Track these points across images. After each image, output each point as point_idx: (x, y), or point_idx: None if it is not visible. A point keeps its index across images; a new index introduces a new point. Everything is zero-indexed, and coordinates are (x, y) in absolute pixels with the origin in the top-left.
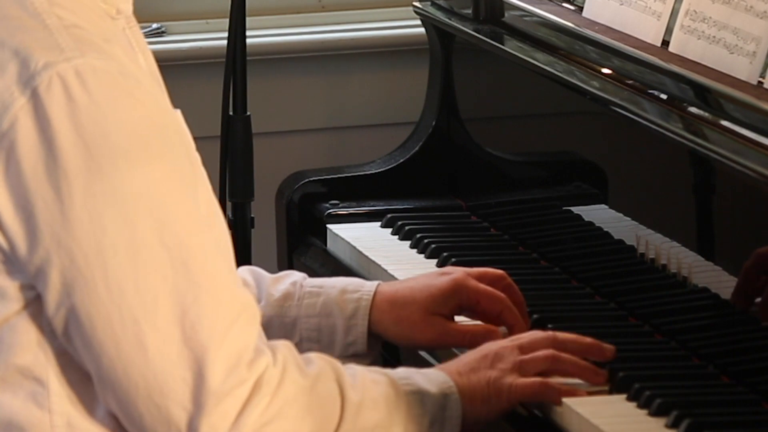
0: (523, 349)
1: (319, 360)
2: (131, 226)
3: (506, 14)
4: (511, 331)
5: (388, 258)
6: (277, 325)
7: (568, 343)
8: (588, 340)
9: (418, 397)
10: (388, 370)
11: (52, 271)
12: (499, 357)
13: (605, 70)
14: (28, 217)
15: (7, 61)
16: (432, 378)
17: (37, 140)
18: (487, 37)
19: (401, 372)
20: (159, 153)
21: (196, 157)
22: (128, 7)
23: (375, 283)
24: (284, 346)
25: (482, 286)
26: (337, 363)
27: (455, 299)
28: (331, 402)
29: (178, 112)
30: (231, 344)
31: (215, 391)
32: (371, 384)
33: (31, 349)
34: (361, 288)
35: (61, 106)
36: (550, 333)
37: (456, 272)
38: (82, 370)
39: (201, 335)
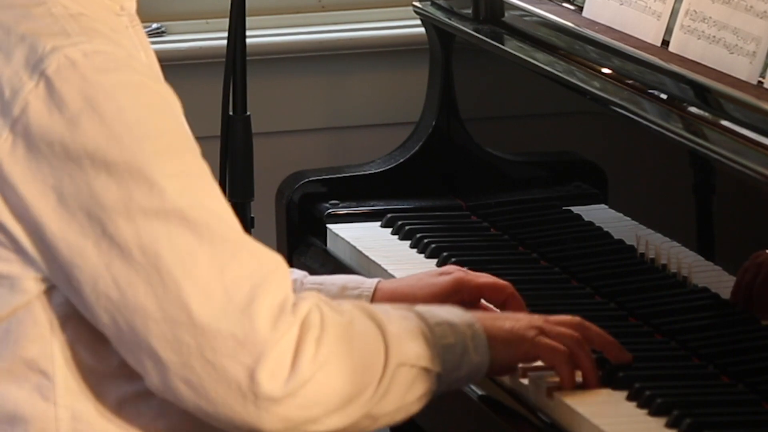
0: (550, 322)
1: (347, 303)
2: (158, 190)
3: (506, 14)
4: None
5: (388, 258)
6: None
7: (592, 332)
8: (611, 338)
9: (446, 328)
10: (410, 306)
11: (86, 245)
12: (527, 317)
13: (605, 70)
14: (58, 197)
15: (13, 47)
16: (453, 311)
17: (52, 120)
18: (487, 37)
19: (423, 308)
20: (170, 128)
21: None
22: (132, 5)
23: (375, 280)
24: (312, 294)
25: (483, 278)
26: (365, 303)
27: (456, 297)
28: (374, 336)
29: None
30: (274, 293)
31: (267, 339)
32: (402, 320)
33: (38, 342)
34: (362, 285)
35: (72, 84)
36: (578, 318)
37: (456, 271)
38: (88, 363)
39: (244, 287)
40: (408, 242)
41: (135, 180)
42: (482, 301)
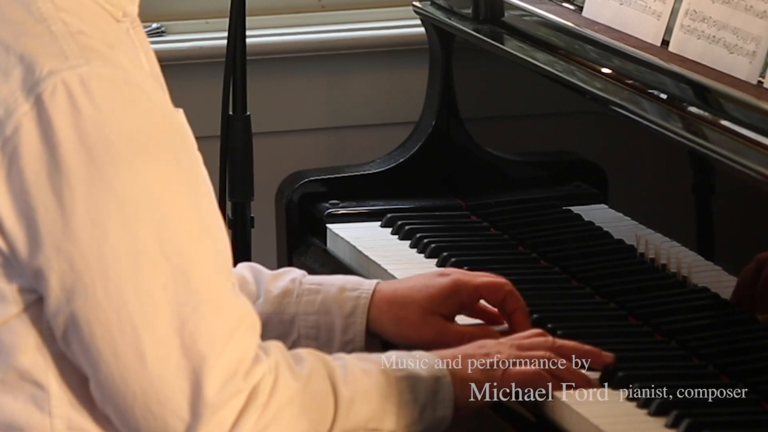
0: (521, 348)
1: (309, 357)
2: (132, 234)
3: (506, 14)
4: (513, 316)
5: (387, 258)
6: (276, 321)
7: (566, 349)
8: (587, 347)
9: (409, 383)
10: (380, 356)
11: (51, 277)
12: (497, 348)
13: (605, 70)
14: (29, 223)
15: (12, 66)
16: (423, 361)
17: (40, 147)
18: (487, 36)
19: (393, 357)
20: (161, 160)
21: (198, 158)
22: (134, 9)
23: (374, 281)
24: (276, 348)
25: (480, 278)
26: (328, 358)
27: (455, 299)
28: (324, 400)
29: (180, 111)
30: (229, 355)
31: (211, 401)
32: (362, 375)
33: (31, 352)
34: (360, 286)
35: (64, 114)
36: (549, 339)
37: (455, 273)
38: (81, 373)
39: (200, 345)
40: (408, 242)
41: (112, 218)
42: (481, 302)
